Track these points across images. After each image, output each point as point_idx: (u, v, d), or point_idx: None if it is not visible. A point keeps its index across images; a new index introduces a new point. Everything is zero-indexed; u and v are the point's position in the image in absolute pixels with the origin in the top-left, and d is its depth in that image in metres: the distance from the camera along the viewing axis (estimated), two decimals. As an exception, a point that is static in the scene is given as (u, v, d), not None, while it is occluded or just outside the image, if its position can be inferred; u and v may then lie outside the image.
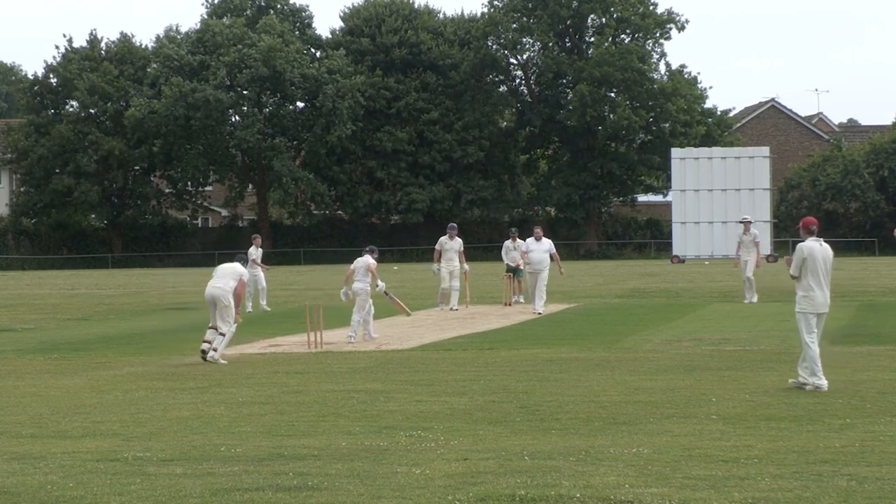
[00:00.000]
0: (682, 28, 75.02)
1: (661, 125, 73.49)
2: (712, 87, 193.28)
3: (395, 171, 74.29)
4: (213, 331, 18.19)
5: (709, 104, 76.78)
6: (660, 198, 77.76)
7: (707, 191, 60.42)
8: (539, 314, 26.48)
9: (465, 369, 16.31)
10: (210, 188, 78.75)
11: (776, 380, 14.52)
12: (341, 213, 77.56)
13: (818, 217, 51.87)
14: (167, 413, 12.85)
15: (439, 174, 74.69)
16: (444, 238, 29.15)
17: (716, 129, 74.60)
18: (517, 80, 78.39)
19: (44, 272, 66.58)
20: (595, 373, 15.60)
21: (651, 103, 72.81)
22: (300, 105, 74.98)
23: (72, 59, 74.07)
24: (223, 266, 18.91)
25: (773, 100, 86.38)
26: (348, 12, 78.37)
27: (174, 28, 76.61)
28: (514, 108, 78.57)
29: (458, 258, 28.87)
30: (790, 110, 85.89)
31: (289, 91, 72.55)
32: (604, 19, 74.42)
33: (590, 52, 74.42)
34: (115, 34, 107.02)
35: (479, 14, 77.13)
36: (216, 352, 17.96)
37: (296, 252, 74.13)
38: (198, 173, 73.79)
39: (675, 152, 62.55)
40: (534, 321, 25.09)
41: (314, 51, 76.68)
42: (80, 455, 10.29)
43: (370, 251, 21.65)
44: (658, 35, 74.86)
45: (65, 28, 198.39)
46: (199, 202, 77.82)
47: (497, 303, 30.77)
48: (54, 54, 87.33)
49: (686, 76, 75.38)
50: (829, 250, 14.13)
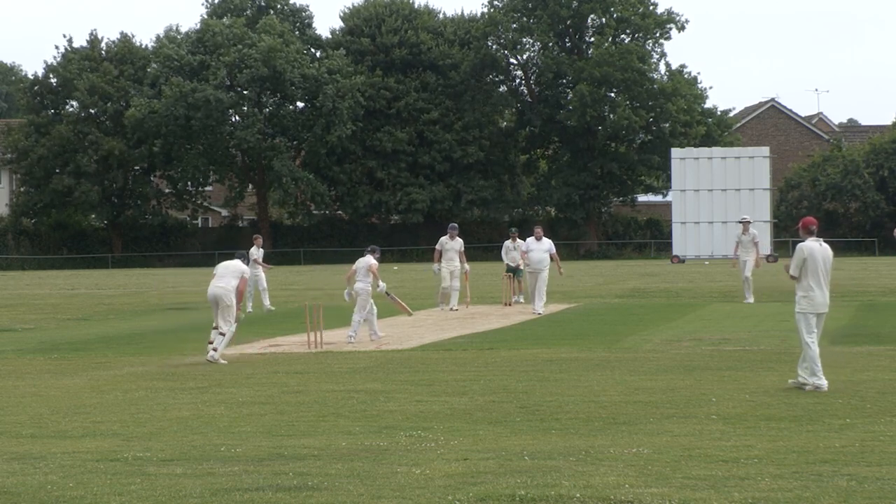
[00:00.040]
0: (682, 28, 75.02)
1: (661, 125, 73.46)
2: (712, 87, 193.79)
3: (395, 171, 74.27)
4: (216, 331, 18.19)
5: (709, 104, 76.88)
6: (660, 198, 77.73)
7: (707, 191, 60.35)
8: (539, 314, 26.48)
9: (465, 369, 16.31)
10: (210, 188, 78.73)
11: (776, 380, 14.51)
12: (341, 213, 77.53)
13: (818, 217, 51.91)
14: (167, 413, 12.84)
15: (439, 174, 74.67)
16: (444, 238, 29.16)
17: (716, 129, 74.57)
18: (517, 80, 78.37)
19: (44, 272, 66.56)
20: (595, 373, 15.60)
21: (651, 103, 72.78)
22: (300, 105, 74.96)
23: (72, 59, 74.06)
24: (224, 264, 18.86)
25: (773, 100, 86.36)
26: (348, 12, 78.34)
27: (174, 28, 76.66)
28: (514, 108, 78.53)
29: (458, 258, 28.89)
30: (790, 110, 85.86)
31: (289, 91, 72.53)
32: (604, 19, 74.40)
33: (590, 52, 74.40)
34: (115, 34, 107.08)
35: (479, 14, 77.16)
36: (216, 351, 17.95)
37: (296, 252, 74.10)
38: (198, 173, 73.77)
39: (675, 152, 62.48)
40: (534, 321, 25.08)
41: (314, 51, 76.65)
42: (80, 455, 10.29)
43: (372, 251, 21.60)
44: (658, 35, 74.85)
45: (65, 28, 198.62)
46: (199, 202, 77.80)
47: (497, 303, 30.77)
48: (54, 54, 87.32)
49: (686, 76, 75.36)
50: (829, 250, 14.13)
